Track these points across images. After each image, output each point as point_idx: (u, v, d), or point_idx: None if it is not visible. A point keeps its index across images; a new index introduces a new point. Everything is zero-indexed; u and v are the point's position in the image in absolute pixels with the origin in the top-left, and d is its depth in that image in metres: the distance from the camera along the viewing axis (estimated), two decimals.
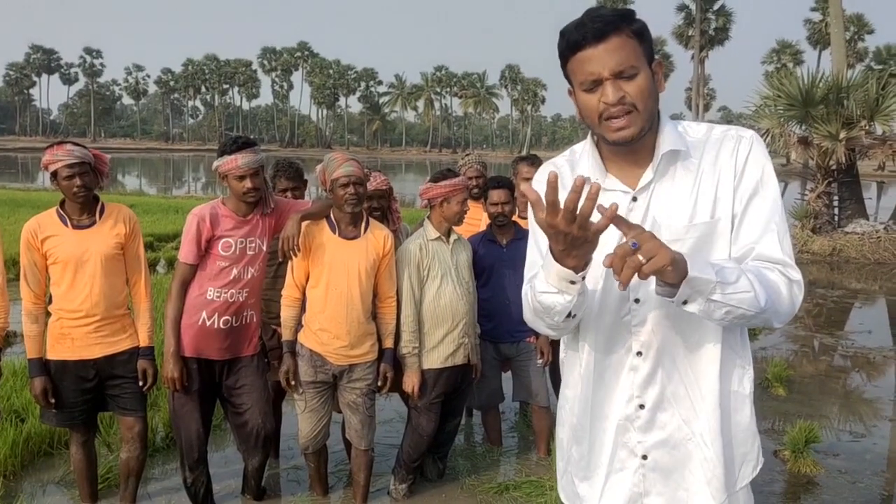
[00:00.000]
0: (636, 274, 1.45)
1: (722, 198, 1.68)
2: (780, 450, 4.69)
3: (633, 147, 1.70)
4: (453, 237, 3.97)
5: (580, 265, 1.55)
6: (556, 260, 1.55)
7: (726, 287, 1.52)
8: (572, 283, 1.57)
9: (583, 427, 1.89)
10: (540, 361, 4.39)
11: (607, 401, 1.82)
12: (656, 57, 1.70)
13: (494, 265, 4.38)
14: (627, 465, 1.82)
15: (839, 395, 6.23)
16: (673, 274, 1.48)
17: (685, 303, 1.54)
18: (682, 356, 1.72)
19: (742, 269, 1.57)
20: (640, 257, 1.44)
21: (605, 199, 1.73)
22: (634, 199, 1.73)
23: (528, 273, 1.91)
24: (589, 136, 1.81)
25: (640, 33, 1.65)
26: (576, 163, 1.84)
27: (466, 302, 3.94)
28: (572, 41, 1.64)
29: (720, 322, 1.59)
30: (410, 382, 3.80)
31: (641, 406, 1.77)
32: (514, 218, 4.56)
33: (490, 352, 4.50)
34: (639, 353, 1.75)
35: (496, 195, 4.38)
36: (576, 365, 1.89)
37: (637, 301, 1.73)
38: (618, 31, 1.61)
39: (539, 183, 1.83)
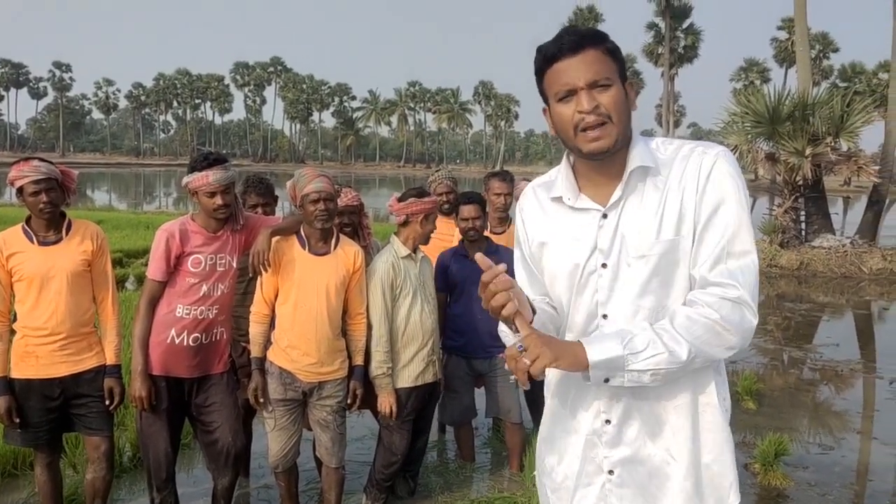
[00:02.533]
0: (538, 362, 1.58)
1: (685, 215, 1.68)
2: (750, 463, 4.73)
3: (605, 163, 1.73)
4: (419, 254, 3.98)
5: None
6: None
7: (637, 356, 1.60)
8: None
9: (553, 439, 1.92)
10: (512, 378, 4.38)
11: (576, 415, 1.84)
12: (629, 78, 1.73)
13: (466, 280, 4.38)
14: (595, 481, 1.83)
15: (808, 407, 6.31)
16: (568, 365, 1.60)
17: (607, 380, 1.63)
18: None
19: (654, 331, 1.62)
20: (525, 360, 1.57)
21: (575, 218, 1.80)
22: (605, 216, 1.75)
23: (518, 278, 1.97)
24: (564, 158, 1.83)
25: (614, 52, 1.69)
26: (552, 184, 1.87)
27: (434, 319, 3.96)
28: (549, 53, 1.68)
29: (653, 383, 1.64)
30: (387, 403, 3.78)
31: (608, 421, 1.78)
32: (486, 233, 4.57)
33: (463, 367, 4.49)
34: None
35: (467, 210, 4.38)
36: (549, 379, 1.91)
37: (605, 317, 1.75)
38: (593, 45, 1.66)
39: (520, 208, 1.96)
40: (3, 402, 3.30)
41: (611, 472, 1.80)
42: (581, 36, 1.66)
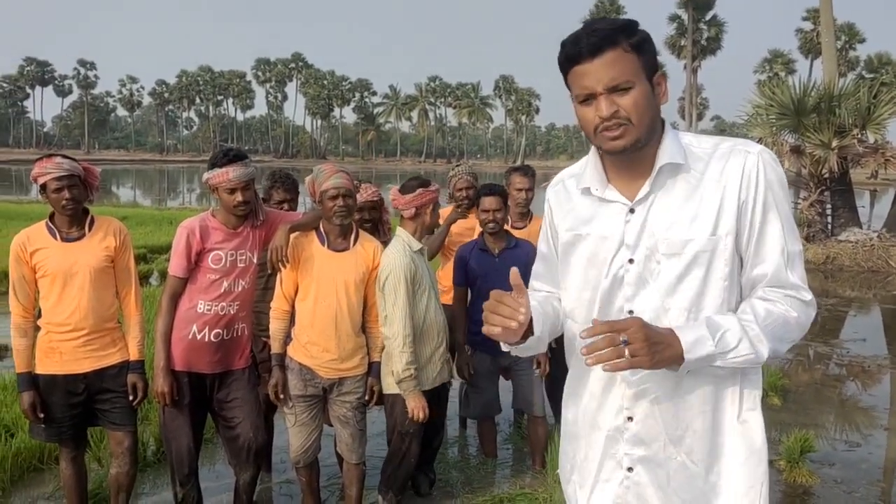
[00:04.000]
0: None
1: (726, 215, 1.65)
2: (775, 460, 4.67)
3: (632, 158, 1.70)
4: (423, 246, 3.86)
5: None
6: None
7: (726, 355, 1.59)
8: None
9: (577, 433, 1.91)
10: (537, 371, 4.36)
11: (600, 411, 1.82)
12: (660, 69, 1.69)
13: (487, 274, 4.34)
14: (614, 477, 1.82)
15: (834, 404, 6.22)
16: (664, 366, 1.57)
17: (688, 371, 1.63)
18: (677, 374, 1.67)
19: (742, 328, 1.60)
20: (627, 354, 1.50)
21: (603, 210, 1.78)
22: (632, 210, 1.72)
23: (534, 267, 2.02)
24: (593, 148, 1.81)
25: (639, 46, 1.63)
26: (581, 176, 1.84)
27: (444, 316, 3.85)
28: (569, 55, 1.65)
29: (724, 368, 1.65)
30: (419, 408, 3.57)
31: (630, 418, 1.76)
32: (506, 227, 4.53)
33: (487, 362, 4.46)
34: None
35: (488, 202, 4.33)
36: (574, 372, 1.90)
37: (630, 313, 1.72)
38: (614, 46, 1.60)
39: (548, 198, 1.95)
40: (27, 397, 3.33)
41: (630, 469, 1.78)
42: (601, 37, 1.60)
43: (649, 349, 1.50)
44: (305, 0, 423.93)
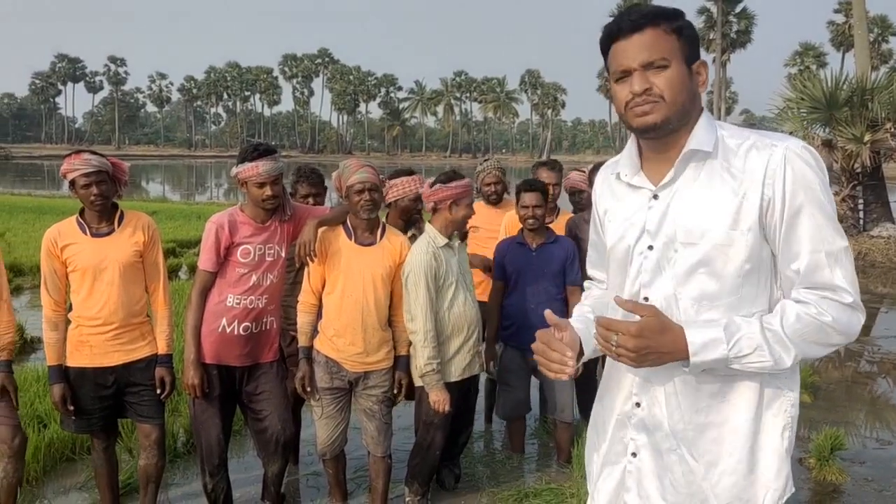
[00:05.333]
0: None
1: (747, 211, 1.61)
2: (805, 457, 4.61)
3: (664, 142, 1.70)
4: (456, 241, 3.84)
5: None
6: None
7: (741, 360, 1.59)
8: None
9: (596, 415, 1.96)
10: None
11: (613, 395, 1.86)
12: (701, 58, 1.68)
13: (521, 270, 4.33)
14: (620, 460, 1.84)
15: (865, 401, 6.13)
16: (656, 366, 1.62)
17: (703, 371, 1.63)
18: (687, 371, 1.65)
19: (763, 335, 1.58)
20: (613, 343, 1.59)
21: (631, 196, 1.80)
22: (655, 196, 1.72)
23: (588, 255, 2.08)
24: (632, 135, 1.81)
25: (680, 30, 1.64)
26: (618, 161, 1.87)
27: (475, 309, 3.84)
28: (610, 32, 1.68)
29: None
30: (441, 401, 3.63)
31: (638, 404, 1.78)
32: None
33: (517, 360, 4.44)
34: None
35: (528, 198, 4.32)
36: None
37: (647, 300, 1.72)
38: (654, 25, 1.62)
39: (594, 187, 1.98)
40: (57, 389, 3.39)
41: (634, 454, 1.80)
42: (641, 15, 1.62)
43: (635, 356, 1.57)
44: None
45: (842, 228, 1.65)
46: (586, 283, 2.10)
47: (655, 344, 1.57)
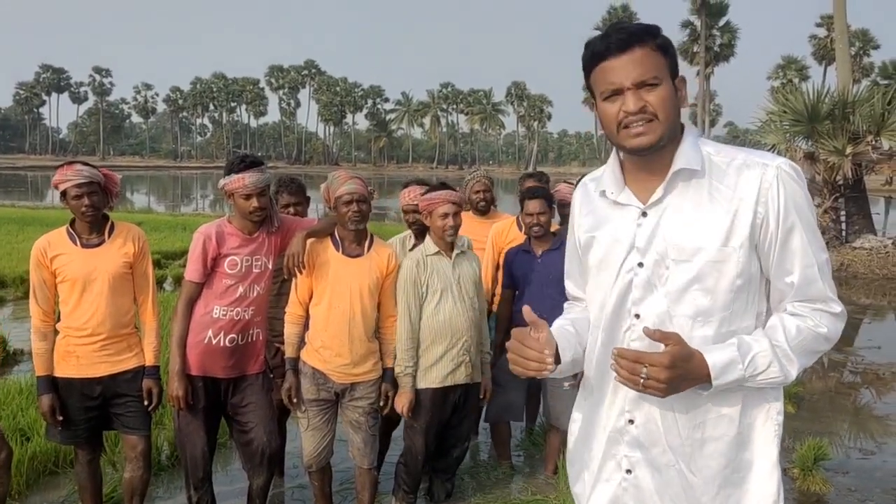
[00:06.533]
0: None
1: (739, 228, 1.64)
2: (788, 468, 4.65)
3: (650, 159, 1.70)
4: (456, 251, 3.88)
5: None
6: None
7: (756, 378, 1.63)
8: None
9: (584, 432, 1.92)
10: (567, 384, 4.32)
11: (603, 411, 1.83)
12: (680, 73, 1.70)
13: (527, 275, 4.35)
14: (613, 478, 1.82)
15: (849, 411, 6.19)
16: (688, 387, 1.62)
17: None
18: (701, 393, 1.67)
19: (773, 350, 1.62)
20: (643, 376, 1.57)
21: (617, 214, 1.79)
22: (644, 214, 1.72)
23: (566, 282, 2.05)
24: (613, 152, 1.81)
25: (665, 48, 1.66)
26: (600, 178, 1.85)
27: (468, 318, 3.84)
28: (596, 52, 1.67)
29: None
30: (401, 402, 3.73)
31: (631, 421, 1.76)
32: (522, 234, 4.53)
33: None
34: None
35: (532, 205, 4.34)
36: (587, 372, 1.90)
37: (637, 317, 1.73)
38: (642, 43, 1.63)
39: (573, 200, 1.97)
40: (46, 400, 3.37)
41: (628, 471, 1.78)
42: (630, 34, 1.63)
43: (666, 387, 1.57)
44: (319, 7, 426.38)
45: (822, 240, 1.71)
46: (566, 305, 2.07)
47: (684, 372, 1.58)
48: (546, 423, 4.66)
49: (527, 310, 1.72)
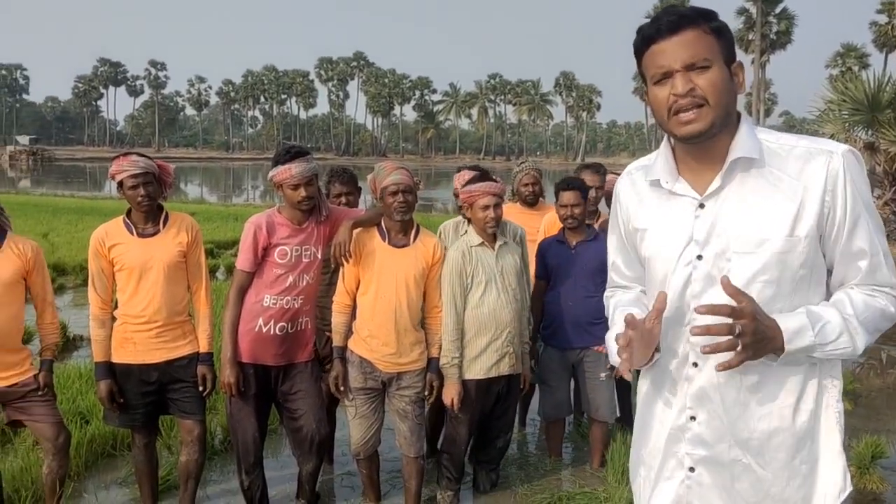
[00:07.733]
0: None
1: (806, 217, 1.60)
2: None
3: (704, 147, 1.66)
4: (499, 242, 3.87)
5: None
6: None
7: (826, 346, 1.58)
8: None
9: (643, 428, 1.88)
10: (603, 375, 4.30)
11: (664, 408, 1.79)
12: (738, 59, 1.65)
13: (559, 268, 4.33)
14: (675, 475, 1.79)
15: None
16: (765, 356, 1.57)
17: (758, 379, 1.65)
18: (741, 372, 1.63)
19: (844, 320, 1.59)
20: (738, 330, 1.51)
21: (672, 204, 1.73)
22: (702, 205, 1.68)
23: (609, 273, 2.00)
24: (665, 139, 1.77)
25: (719, 31, 1.61)
26: (650, 168, 1.80)
27: (512, 309, 3.83)
28: (647, 35, 1.63)
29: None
30: (450, 394, 3.74)
31: (693, 418, 1.73)
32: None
33: (556, 359, 4.41)
34: (694, 364, 1.70)
35: (566, 197, 4.31)
36: (645, 367, 1.84)
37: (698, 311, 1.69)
38: (693, 25, 1.59)
39: (616, 192, 1.93)
40: (104, 385, 3.48)
41: (692, 469, 1.75)
42: (680, 16, 1.59)
43: (756, 345, 1.52)
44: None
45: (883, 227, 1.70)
46: (607, 293, 2.03)
47: (764, 328, 1.54)
48: (588, 417, 4.62)
49: (662, 296, 1.63)
